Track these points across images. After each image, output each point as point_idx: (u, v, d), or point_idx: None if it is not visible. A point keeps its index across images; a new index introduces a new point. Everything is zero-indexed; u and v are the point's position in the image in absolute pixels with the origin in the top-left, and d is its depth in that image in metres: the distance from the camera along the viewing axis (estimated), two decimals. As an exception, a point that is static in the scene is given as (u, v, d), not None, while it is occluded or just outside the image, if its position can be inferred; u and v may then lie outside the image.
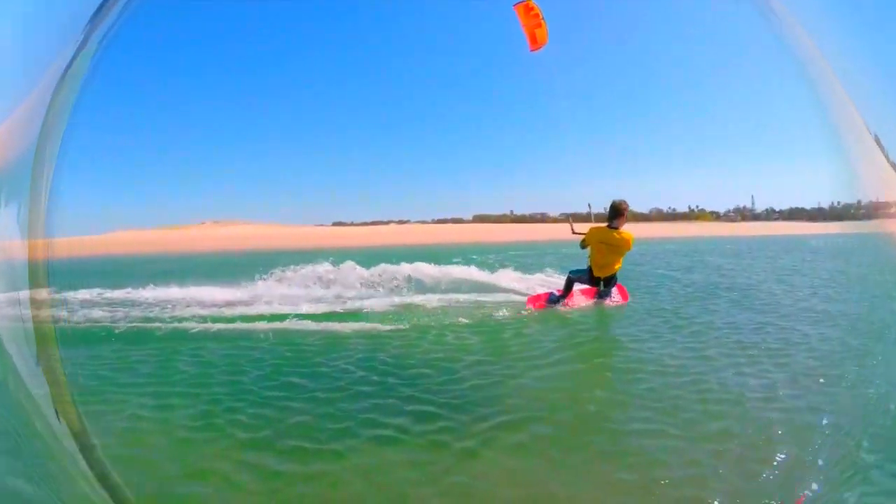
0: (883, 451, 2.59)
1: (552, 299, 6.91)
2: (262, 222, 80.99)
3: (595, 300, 6.94)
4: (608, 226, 6.23)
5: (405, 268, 8.76)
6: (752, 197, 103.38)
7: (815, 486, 2.34)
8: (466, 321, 6.02)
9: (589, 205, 7.43)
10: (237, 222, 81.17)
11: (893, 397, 3.19)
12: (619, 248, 6.26)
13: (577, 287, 6.90)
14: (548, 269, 9.78)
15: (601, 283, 6.62)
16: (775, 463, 2.59)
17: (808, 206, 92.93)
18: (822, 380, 3.86)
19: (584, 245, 6.57)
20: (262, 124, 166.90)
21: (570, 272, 6.84)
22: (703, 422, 3.14)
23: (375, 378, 4.10)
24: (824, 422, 3.06)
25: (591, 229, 6.41)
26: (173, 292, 8.43)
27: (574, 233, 6.87)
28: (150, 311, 7.07)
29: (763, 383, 3.78)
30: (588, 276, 6.59)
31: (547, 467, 2.68)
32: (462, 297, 7.48)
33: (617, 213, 6.14)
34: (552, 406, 3.46)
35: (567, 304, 6.80)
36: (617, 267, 6.49)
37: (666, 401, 3.49)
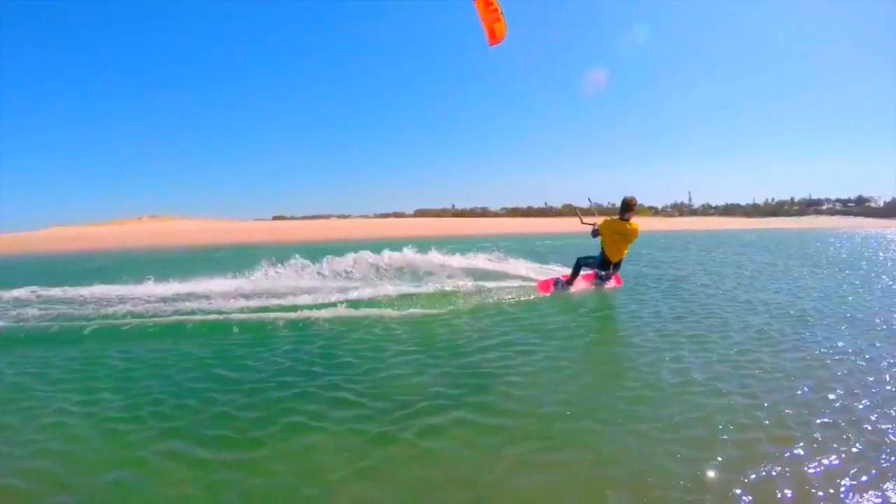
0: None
1: (558, 284, 7.64)
2: (202, 217, 77.62)
3: (594, 284, 7.70)
4: (620, 218, 6.91)
5: (349, 258, 8.98)
6: (689, 193, 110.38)
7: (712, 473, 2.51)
8: (398, 314, 6.26)
9: (589, 199, 8.48)
10: (176, 217, 77.15)
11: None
12: (630, 236, 6.98)
13: (581, 272, 7.59)
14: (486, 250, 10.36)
15: (611, 267, 7.33)
16: (685, 445, 2.77)
17: (742, 203, 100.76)
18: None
19: (595, 234, 7.20)
20: (203, 120, 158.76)
21: (580, 258, 7.54)
22: (616, 405, 3.30)
23: (301, 368, 4.25)
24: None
25: (605, 221, 7.09)
26: (110, 289, 8.24)
27: (583, 223, 7.57)
28: (86, 309, 6.92)
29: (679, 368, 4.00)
30: (600, 262, 7.30)
31: (459, 449, 2.84)
32: (392, 289, 7.76)
33: (627, 207, 6.84)
34: (470, 391, 3.64)
35: (573, 286, 7.55)
36: (625, 253, 7.26)
37: (580, 386, 3.73)
